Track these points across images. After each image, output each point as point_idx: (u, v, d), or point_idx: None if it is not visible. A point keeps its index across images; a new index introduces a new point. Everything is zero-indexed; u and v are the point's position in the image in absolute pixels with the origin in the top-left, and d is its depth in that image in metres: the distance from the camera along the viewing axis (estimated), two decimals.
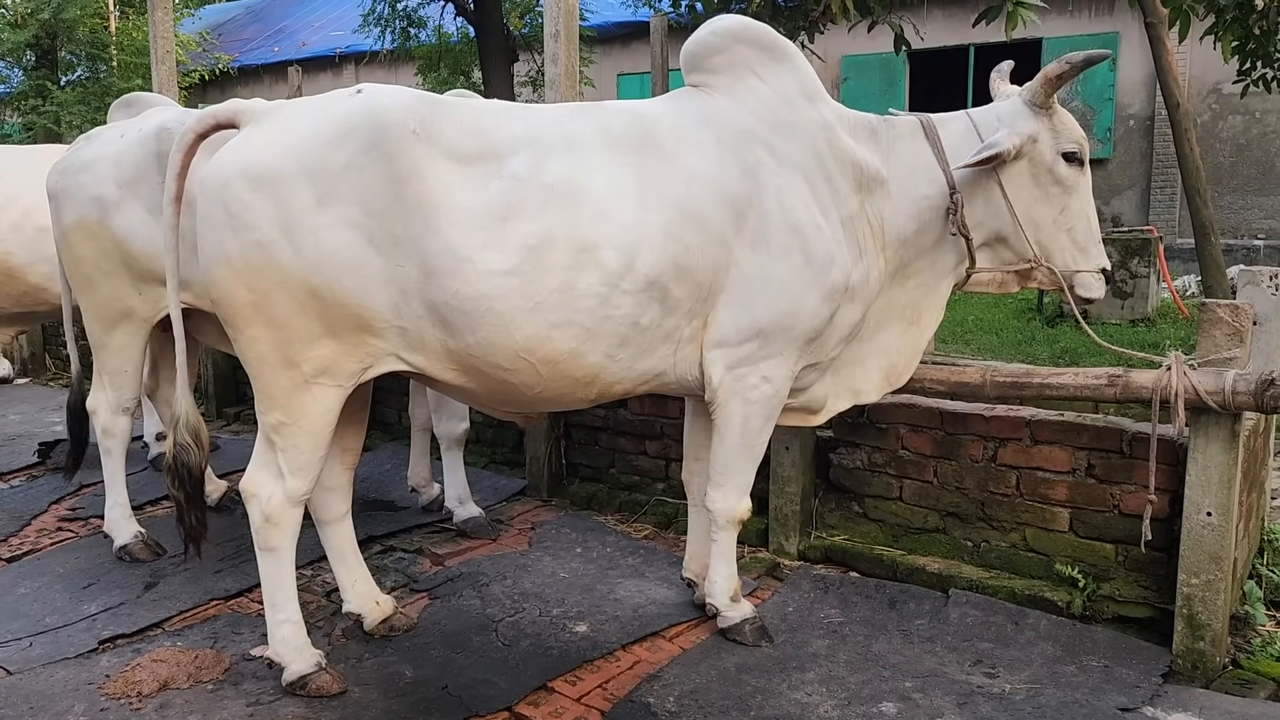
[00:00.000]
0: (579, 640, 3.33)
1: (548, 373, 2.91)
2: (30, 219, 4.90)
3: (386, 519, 4.47)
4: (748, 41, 3.11)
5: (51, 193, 4.01)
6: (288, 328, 2.83)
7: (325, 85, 18.75)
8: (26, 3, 15.32)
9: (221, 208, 2.80)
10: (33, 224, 4.88)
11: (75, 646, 3.34)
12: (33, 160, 5.17)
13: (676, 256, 2.91)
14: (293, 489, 2.97)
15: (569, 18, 5.06)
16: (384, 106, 2.80)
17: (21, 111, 16.10)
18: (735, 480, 3.24)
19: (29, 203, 4.89)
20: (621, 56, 15.38)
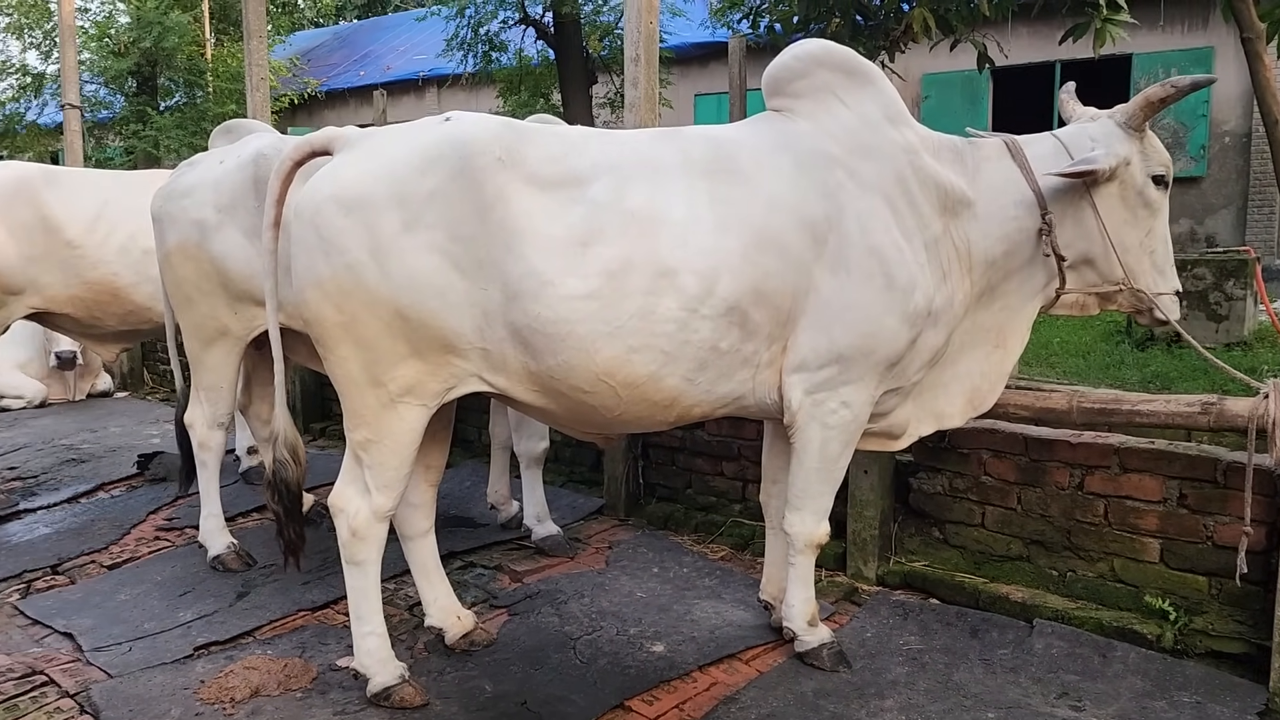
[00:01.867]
0: (656, 660, 3.34)
1: (627, 395, 2.94)
2: (136, 242, 5.12)
3: (466, 535, 4.55)
4: (830, 66, 3.12)
5: (155, 216, 4.20)
6: (375, 348, 2.91)
7: (408, 108, 19.25)
8: (129, 32, 16.00)
9: (314, 232, 2.91)
10: (138, 247, 5.10)
11: (172, 652, 3.47)
12: (137, 185, 5.42)
13: (755, 281, 2.92)
14: (379, 505, 3.05)
15: (649, 43, 5.12)
16: (470, 134, 2.88)
17: (123, 136, 16.79)
18: (814, 504, 3.22)
19: (134, 226, 5.12)
20: (699, 77, 15.45)
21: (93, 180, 5.50)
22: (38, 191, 5.14)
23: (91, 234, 5.15)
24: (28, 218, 5.06)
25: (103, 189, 5.36)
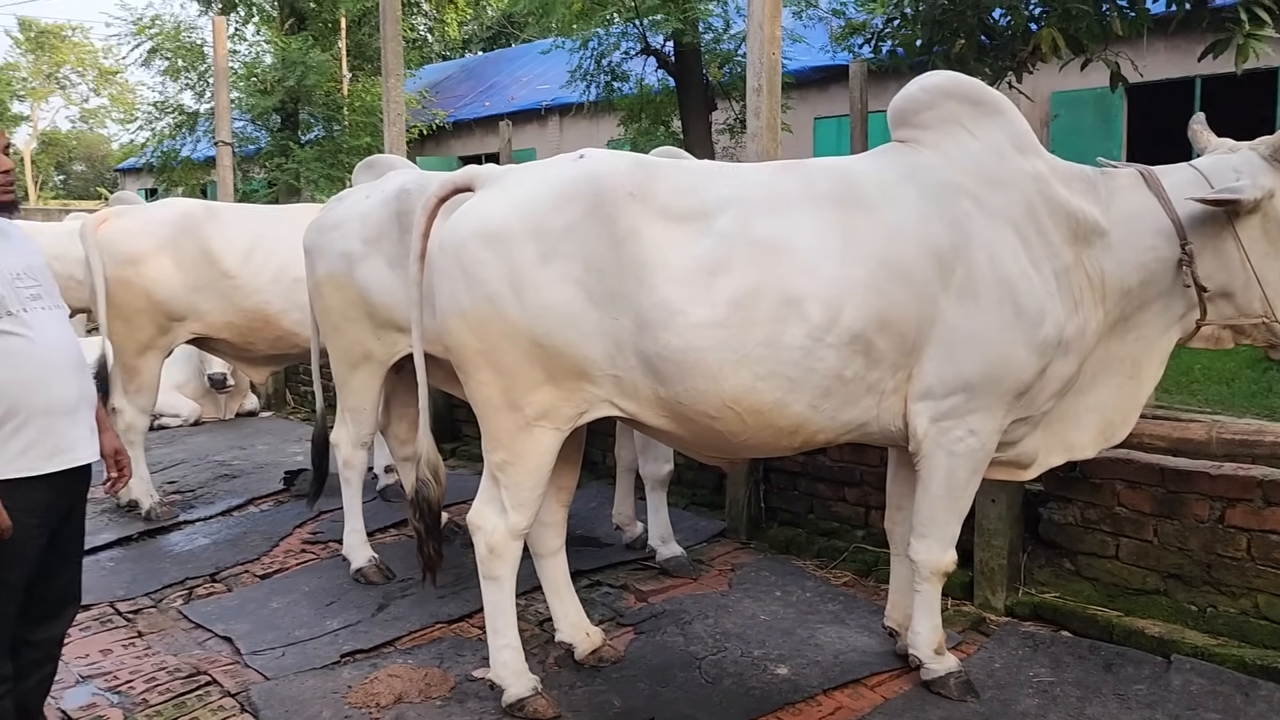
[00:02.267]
0: (780, 683, 3.39)
1: (753, 421, 3.01)
2: (286, 272, 5.46)
3: (592, 555, 4.68)
4: (958, 97, 3.15)
5: (306, 248, 4.49)
6: (513, 374, 3.07)
7: (531, 136, 19.77)
8: (275, 71, 16.96)
9: (457, 264, 3.08)
10: (288, 277, 5.44)
11: (321, 658, 3.69)
12: (288, 219, 5.78)
13: (881, 310, 2.97)
14: (514, 523, 3.20)
15: (771, 73, 5.21)
16: (603, 171, 3.01)
17: (267, 169, 17.76)
18: (940, 532, 3.23)
19: (285, 258, 5.46)
20: (819, 101, 15.42)
21: (247, 215, 5.90)
22: (200, 226, 5.54)
23: (247, 265, 5.52)
24: (192, 250, 5.46)
25: (256, 223, 5.74)
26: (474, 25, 28.48)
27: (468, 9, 24.48)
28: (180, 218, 5.56)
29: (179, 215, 5.58)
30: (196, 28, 18.84)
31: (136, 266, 5.37)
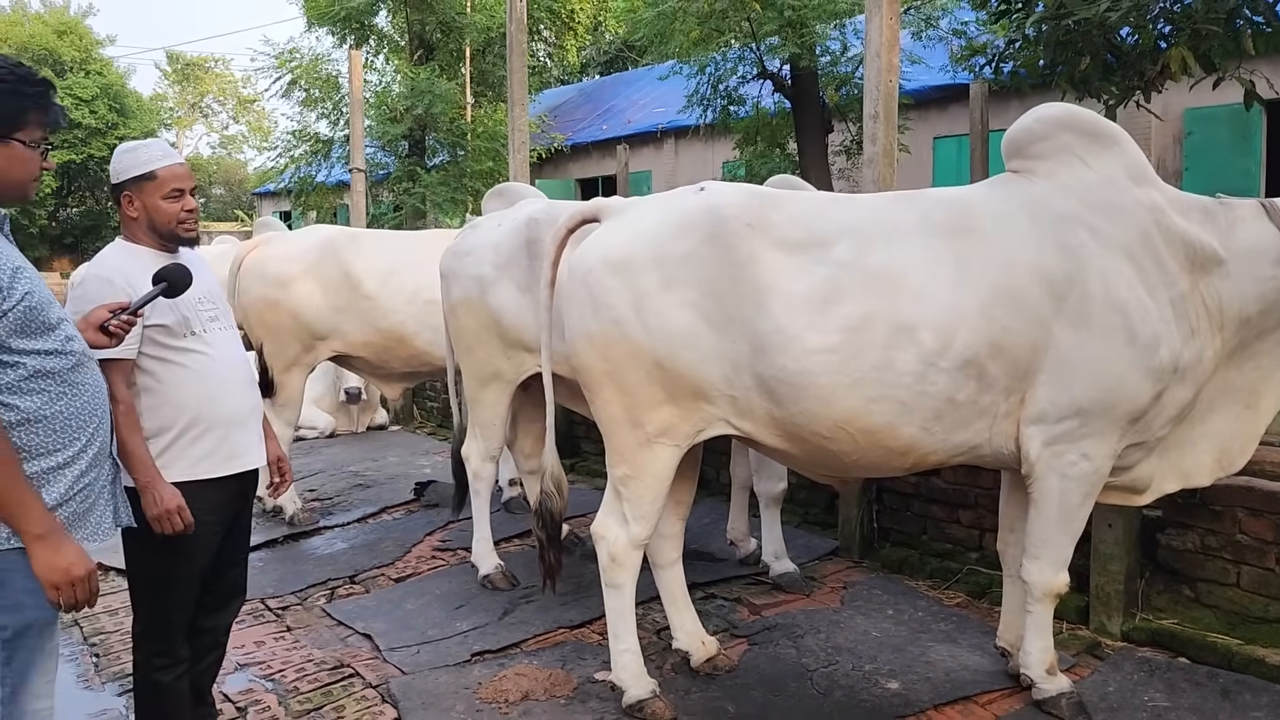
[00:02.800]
0: (891, 697, 3.48)
1: (865, 442, 3.14)
2: (420, 295, 5.81)
3: (707, 568, 4.83)
4: (1073, 129, 3.22)
5: (443, 273, 4.79)
6: (635, 394, 3.27)
7: (647, 158, 20.10)
8: (404, 100, 17.75)
9: (585, 290, 3.31)
10: (422, 299, 5.78)
11: (453, 656, 3.94)
12: (421, 244, 6.14)
13: (993, 336, 3.05)
14: (635, 534, 3.40)
15: (888, 100, 5.31)
16: (723, 203, 3.19)
17: (395, 193, 18.56)
18: (1052, 554, 3.28)
19: (419, 281, 5.80)
20: (938, 120, 15.28)
21: (385, 240, 6.28)
22: (341, 251, 5.94)
23: (384, 287, 5.88)
24: (334, 274, 5.86)
25: (393, 248, 6.11)
26: (592, 50, 29.11)
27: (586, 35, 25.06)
28: (324, 243, 5.97)
29: (323, 241, 6.00)
30: (332, 59, 19.86)
31: (284, 289, 5.79)
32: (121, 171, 2.97)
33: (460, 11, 18.93)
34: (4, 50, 31.29)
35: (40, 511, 2.12)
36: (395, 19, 20.52)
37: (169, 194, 2.95)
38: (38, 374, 2.16)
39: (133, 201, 2.97)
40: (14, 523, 2.09)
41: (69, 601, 2.15)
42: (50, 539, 2.12)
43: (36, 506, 2.11)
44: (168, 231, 2.98)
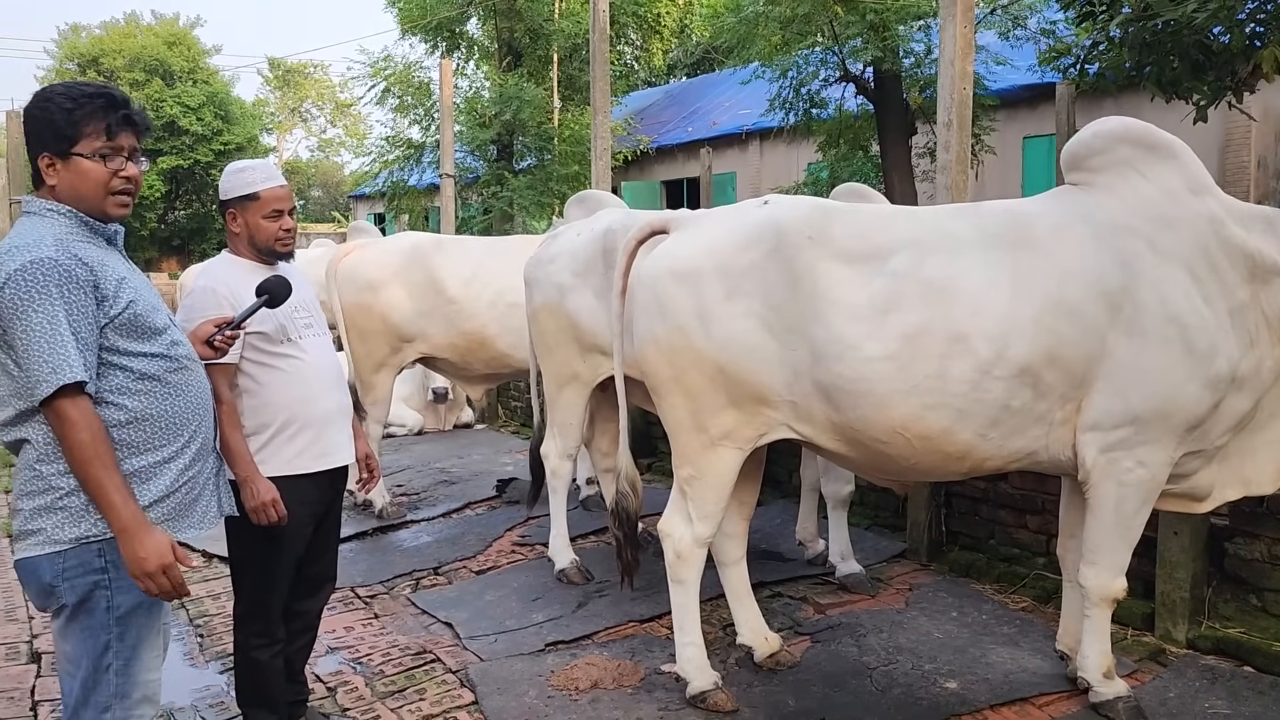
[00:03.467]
0: (948, 696, 3.57)
1: (921, 447, 3.23)
2: (502, 298, 6.05)
3: (774, 568, 4.96)
4: (1131, 142, 3.26)
5: (526, 280, 5.01)
6: (700, 398, 3.42)
7: (732, 160, 20.19)
8: (493, 106, 18.19)
9: (653, 298, 3.47)
10: (504, 302, 6.03)
11: (528, 646, 4.15)
12: (502, 250, 6.40)
13: (1048, 346, 3.12)
14: (699, 532, 3.55)
15: (962, 108, 5.35)
16: (784, 216, 3.33)
17: (483, 196, 19.03)
18: (1109, 560, 3.32)
19: (500, 286, 6.06)
20: (1028, 119, 15.05)
21: (468, 246, 6.55)
22: (428, 257, 6.22)
23: (467, 291, 6.14)
24: (420, 279, 6.14)
25: (476, 253, 6.37)
26: (678, 52, 29.28)
27: (672, 39, 25.24)
28: (411, 249, 6.26)
29: (410, 247, 6.30)
30: (424, 67, 20.44)
31: (374, 293, 6.10)
32: (229, 190, 3.25)
33: (547, 18, 19.30)
34: (118, 60, 32.99)
35: (129, 506, 2.25)
36: (485, 26, 21.03)
37: (269, 214, 3.21)
38: (144, 376, 2.39)
39: (236, 218, 3.24)
40: (106, 516, 2.26)
41: (151, 590, 2.29)
42: (132, 533, 2.24)
43: (126, 502, 2.25)
44: (266, 247, 3.25)
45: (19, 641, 4.56)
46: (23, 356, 2.19)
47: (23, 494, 2.31)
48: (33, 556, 2.29)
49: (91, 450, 2.22)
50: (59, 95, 2.36)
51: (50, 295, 2.19)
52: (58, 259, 2.22)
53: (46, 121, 2.34)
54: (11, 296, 2.17)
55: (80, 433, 2.21)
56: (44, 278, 2.19)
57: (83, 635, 2.32)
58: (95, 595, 2.30)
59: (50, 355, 2.17)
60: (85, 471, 2.23)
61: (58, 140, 2.34)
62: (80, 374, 2.20)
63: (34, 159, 2.37)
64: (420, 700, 3.76)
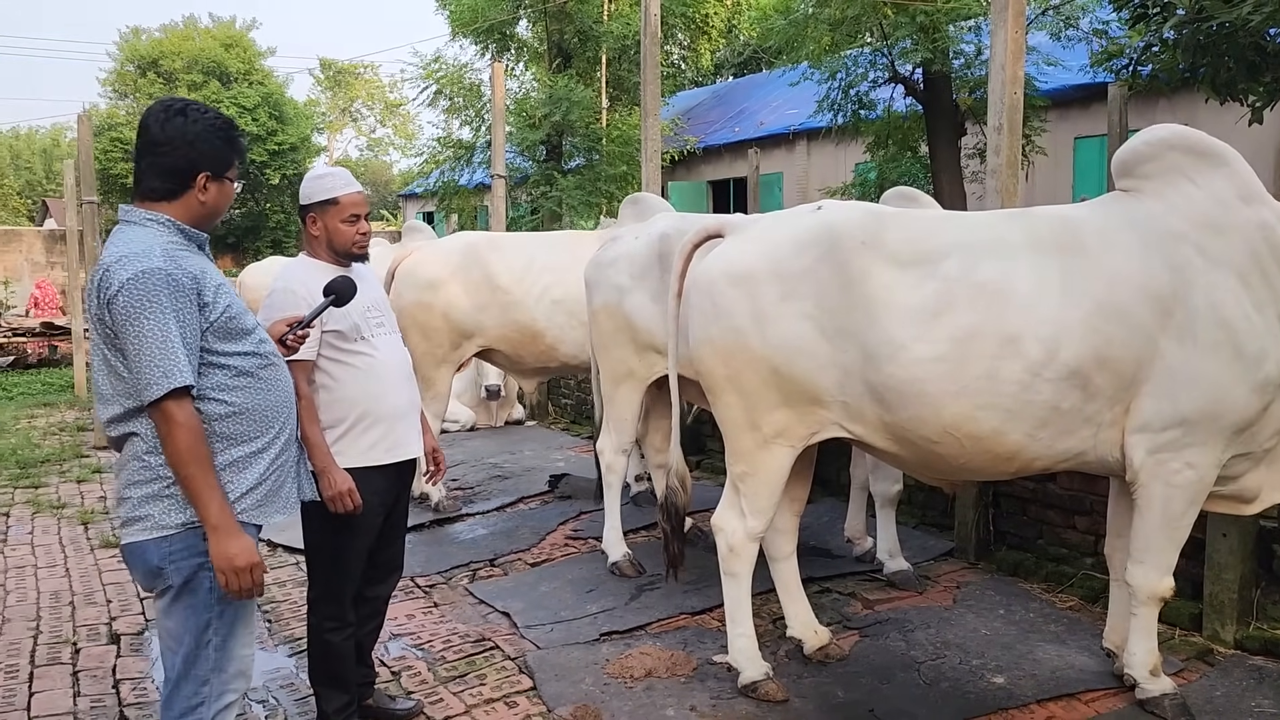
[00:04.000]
0: (995, 690, 3.65)
1: (971, 447, 3.32)
2: (548, 293, 6.25)
3: (824, 564, 5.05)
4: (1181, 149, 3.32)
5: (587, 281, 5.16)
6: (753, 397, 3.53)
7: (779, 160, 20.20)
8: (543, 107, 18.39)
9: (708, 300, 3.59)
10: (549, 297, 6.23)
11: (583, 635, 4.29)
12: (553, 245, 6.61)
13: (1098, 349, 3.19)
14: (752, 527, 3.67)
15: (1012, 112, 5.39)
16: (838, 221, 3.43)
17: (532, 196, 19.24)
18: (1155, 559, 3.38)
19: (549, 280, 6.26)
20: (1080, 119, 14.91)
21: (521, 241, 6.76)
22: (483, 255, 6.42)
23: (519, 285, 6.31)
24: (477, 275, 6.34)
25: (528, 249, 6.57)
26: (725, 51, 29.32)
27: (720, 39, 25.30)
28: (467, 248, 6.49)
29: (466, 245, 6.53)
30: (475, 69, 20.73)
31: (434, 291, 6.29)
32: (309, 195, 3.42)
33: (597, 20, 19.46)
34: (177, 62, 33.75)
35: (220, 506, 2.40)
36: (535, 29, 21.25)
37: (347, 218, 3.39)
38: (240, 373, 2.57)
39: (316, 222, 3.41)
40: (199, 512, 2.41)
41: (233, 588, 2.42)
42: (223, 530, 2.39)
43: (218, 501, 2.40)
44: (344, 250, 3.42)
45: (99, 624, 4.80)
46: (134, 360, 2.36)
47: (130, 483, 2.48)
48: (141, 541, 2.47)
49: (192, 452, 2.39)
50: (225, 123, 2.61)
51: (161, 303, 2.36)
52: (167, 269, 2.39)
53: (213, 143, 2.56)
54: (125, 304, 2.35)
55: (183, 433, 2.38)
56: (155, 287, 2.36)
57: (186, 614, 2.49)
58: (199, 576, 2.47)
59: (161, 360, 2.34)
60: (185, 470, 2.40)
61: (219, 163, 2.59)
62: (188, 378, 2.38)
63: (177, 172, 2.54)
64: (481, 685, 3.91)
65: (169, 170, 2.54)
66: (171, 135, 2.53)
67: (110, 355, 2.44)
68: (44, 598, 5.19)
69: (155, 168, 2.55)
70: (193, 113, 2.57)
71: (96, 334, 2.47)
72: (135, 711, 3.84)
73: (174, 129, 2.53)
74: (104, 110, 34.21)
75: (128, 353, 2.37)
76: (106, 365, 2.46)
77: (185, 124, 2.53)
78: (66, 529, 6.57)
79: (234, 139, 2.64)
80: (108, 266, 2.41)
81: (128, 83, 34.91)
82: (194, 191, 2.55)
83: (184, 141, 2.53)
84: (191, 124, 2.54)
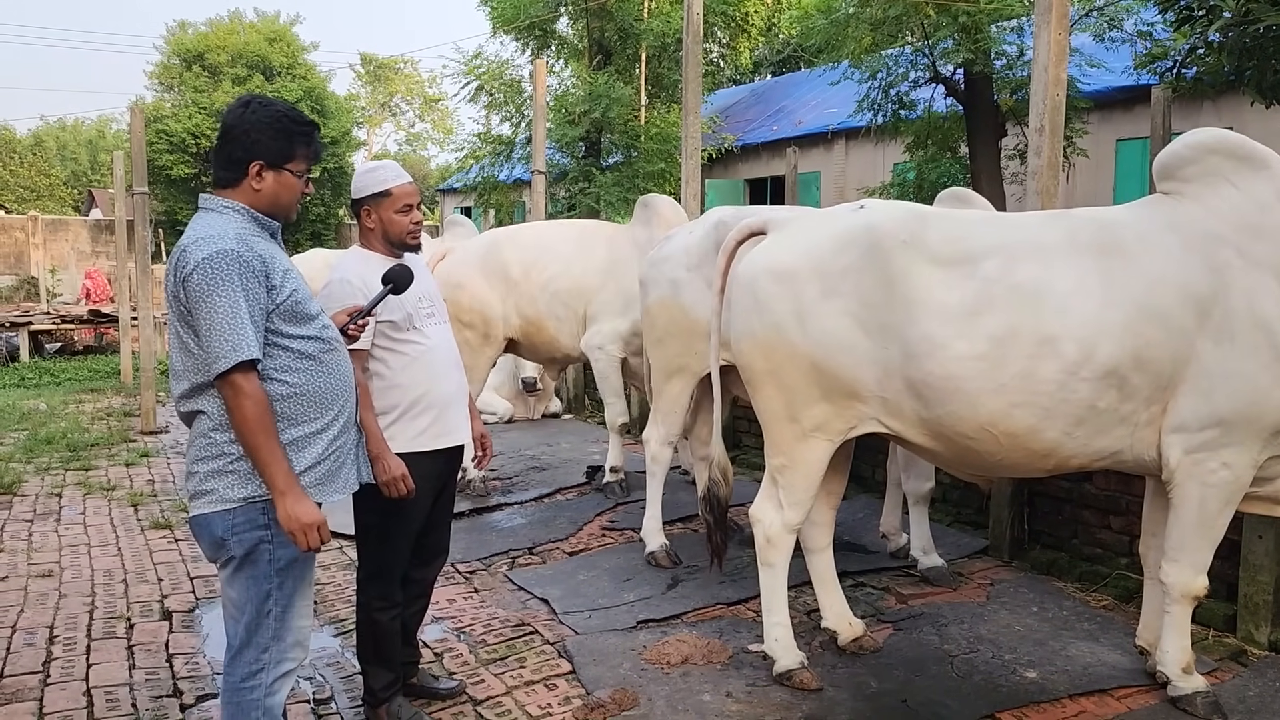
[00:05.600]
0: (1027, 684, 3.70)
1: (1008, 444, 3.37)
2: (550, 285, 6.47)
3: (858, 559, 5.11)
4: (1222, 153, 3.35)
5: (641, 279, 5.22)
6: (793, 391, 3.61)
7: (817, 159, 20.18)
8: (582, 104, 18.49)
9: (751, 295, 3.67)
10: (551, 290, 6.46)
11: (620, 623, 4.39)
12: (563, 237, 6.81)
13: (1135, 349, 3.23)
14: (789, 519, 3.74)
15: (1054, 114, 5.41)
16: (880, 221, 3.49)
17: (569, 193, 19.34)
18: (1190, 558, 3.42)
19: (552, 272, 6.49)
20: (1122, 122, 14.79)
21: (533, 234, 6.99)
22: (501, 249, 6.68)
23: (526, 277, 6.48)
24: (496, 270, 6.54)
25: (539, 241, 6.80)
26: (764, 49, 29.27)
27: (760, 37, 25.27)
28: (489, 244, 6.78)
29: (489, 242, 6.82)
30: (516, 65, 20.86)
31: (464, 289, 6.50)
32: (363, 189, 3.53)
33: (637, 18, 19.52)
34: (222, 56, 34.24)
35: (286, 472, 2.55)
36: (575, 26, 21.34)
37: (400, 208, 3.50)
38: (302, 356, 2.70)
39: (370, 214, 3.53)
40: (265, 479, 2.55)
41: (301, 545, 2.59)
42: (290, 495, 2.54)
43: (283, 468, 2.54)
44: (398, 240, 3.53)
45: (151, 601, 4.97)
46: (205, 335, 2.49)
47: (198, 459, 2.61)
48: (206, 513, 2.60)
49: (257, 421, 2.51)
50: (283, 116, 2.70)
51: (233, 282, 2.49)
52: (239, 251, 2.52)
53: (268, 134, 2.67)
54: (200, 282, 2.48)
55: (250, 403, 2.50)
56: (228, 266, 2.49)
57: (247, 584, 2.62)
58: (260, 549, 2.60)
59: (231, 334, 2.47)
60: (251, 440, 2.52)
61: (274, 153, 2.69)
62: (255, 352, 2.50)
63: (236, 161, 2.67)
64: (521, 668, 4.02)
65: (229, 159, 2.70)
66: (232, 125, 2.69)
67: (183, 332, 2.58)
68: (98, 575, 5.37)
69: (220, 156, 2.72)
70: (256, 105, 2.70)
71: (172, 312, 2.61)
72: (188, 684, 3.99)
73: (235, 119, 2.69)
74: (150, 103, 34.78)
75: (200, 328, 2.51)
76: (179, 342, 2.60)
77: (244, 114, 2.68)
78: (117, 510, 6.77)
79: (293, 131, 2.73)
80: (185, 247, 2.56)
81: (173, 76, 35.47)
82: (249, 180, 2.68)
83: (241, 131, 2.68)
84: (251, 114, 2.68)
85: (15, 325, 17.18)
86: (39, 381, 14.30)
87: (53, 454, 8.65)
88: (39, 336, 17.65)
